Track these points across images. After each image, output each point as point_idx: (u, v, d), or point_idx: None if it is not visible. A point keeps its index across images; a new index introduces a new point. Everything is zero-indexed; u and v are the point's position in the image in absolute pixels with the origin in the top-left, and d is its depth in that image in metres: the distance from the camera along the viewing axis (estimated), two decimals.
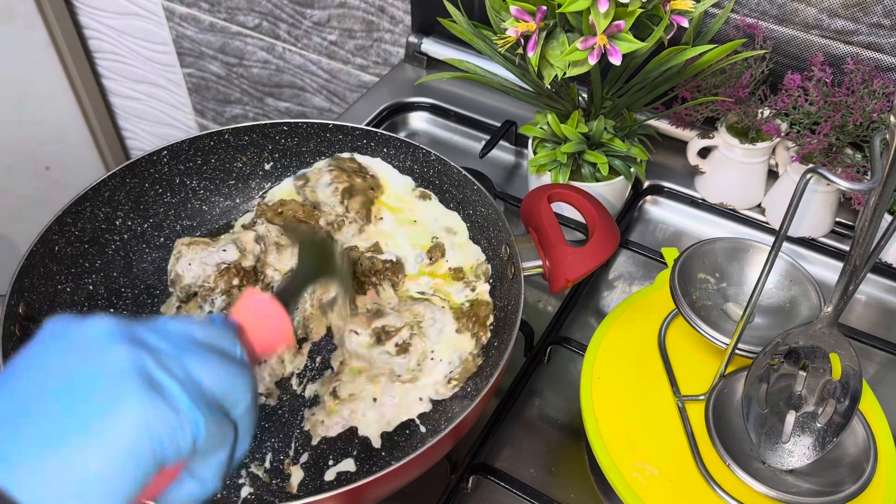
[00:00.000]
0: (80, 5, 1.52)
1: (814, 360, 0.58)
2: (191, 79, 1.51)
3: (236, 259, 0.72)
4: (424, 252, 0.75)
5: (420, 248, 0.76)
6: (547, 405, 0.72)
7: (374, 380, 0.67)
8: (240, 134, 0.77)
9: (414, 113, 1.03)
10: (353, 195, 0.76)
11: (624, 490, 0.59)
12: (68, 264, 0.69)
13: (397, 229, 0.77)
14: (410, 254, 0.76)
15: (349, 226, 0.76)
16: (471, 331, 0.69)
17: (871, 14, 0.78)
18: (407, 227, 0.77)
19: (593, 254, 0.66)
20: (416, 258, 0.75)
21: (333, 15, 1.20)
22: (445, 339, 0.69)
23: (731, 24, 0.84)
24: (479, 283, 0.72)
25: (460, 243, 0.75)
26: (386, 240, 0.77)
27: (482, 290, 0.72)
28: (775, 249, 0.53)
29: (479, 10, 0.95)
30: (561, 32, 0.68)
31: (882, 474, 0.58)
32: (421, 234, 0.77)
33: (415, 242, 0.76)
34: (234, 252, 0.72)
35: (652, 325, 0.69)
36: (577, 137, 0.78)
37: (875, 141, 0.50)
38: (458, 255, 0.75)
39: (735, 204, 0.87)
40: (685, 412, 0.63)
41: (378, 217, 0.78)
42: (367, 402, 0.65)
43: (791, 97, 0.78)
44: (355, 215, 0.76)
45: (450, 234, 0.76)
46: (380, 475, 0.52)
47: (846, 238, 0.84)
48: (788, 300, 0.66)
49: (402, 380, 0.67)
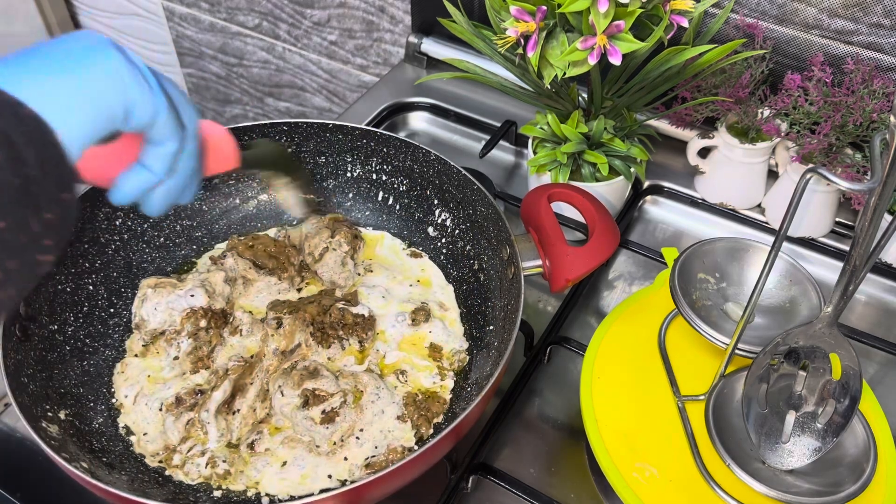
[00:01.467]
0: (80, 5, 1.52)
1: (814, 360, 0.58)
2: (191, 79, 1.51)
3: (205, 304, 0.69)
4: (408, 313, 0.72)
5: (404, 309, 0.72)
6: (547, 405, 0.72)
7: (289, 443, 0.63)
8: (240, 134, 0.77)
9: (414, 113, 1.03)
10: (340, 229, 0.76)
11: (624, 490, 0.59)
12: (68, 264, 0.69)
13: (386, 283, 0.75)
14: (391, 311, 0.72)
15: (331, 253, 0.74)
16: (414, 422, 0.64)
17: (871, 14, 0.78)
18: (397, 285, 0.76)
19: (593, 253, 0.66)
20: (395, 317, 0.72)
21: (333, 15, 1.20)
22: (381, 423, 0.64)
23: (731, 24, 0.84)
24: (449, 375, 0.69)
25: (451, 321, 0.73)
26: (369, 291, 0.74)
27: (446, 385, 0.68)
28: (775, 249, 0.53)
29: (479, 10, 0.95)
30: (561, 32, 0.68)
31: (882, 474, 0.58)
32: (411, 295, 0.75)
33: (401, 301, 0.74)
34: (202, 297, 0.69)
35: (652, 325, 0.69)
36: (577, 137, 0.78)
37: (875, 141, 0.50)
38: (442, 333, 0.71)
39: (735, 204, 0.87)
40: (685, 412, 0.63)
41: (367, 269, 0.77)
42: (276, 466, 0.62)
43: (791, 97, 0.78)
44: (342, 240, 0.74)
45: (440, 309, 0.74)
46: (380, 475, 0.52)
47: (846, 238, 0.84)
48: (788, 300, 0.66)
49: (318, 451, 0.62)
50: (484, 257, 0.74)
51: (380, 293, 0.74)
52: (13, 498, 0.64)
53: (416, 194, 0.79)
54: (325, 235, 0.75)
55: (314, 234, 0.76)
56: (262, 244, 0.76)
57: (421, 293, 0.75)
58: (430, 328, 0.71)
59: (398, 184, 0.80)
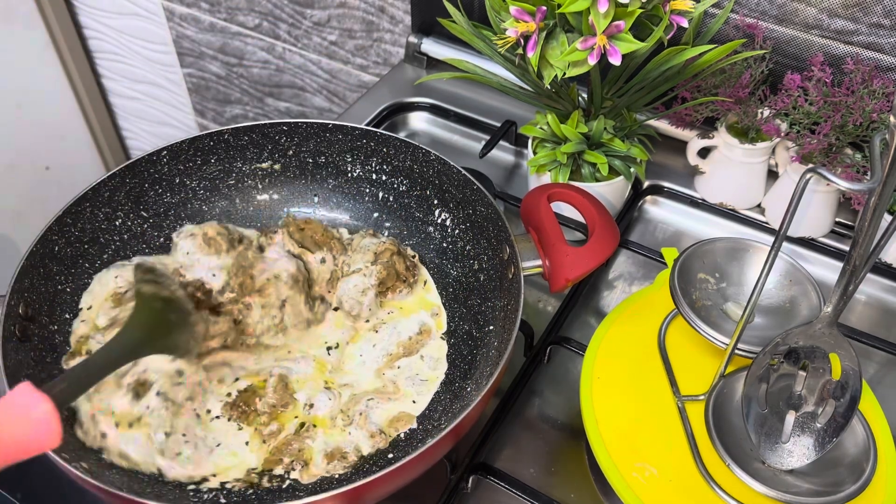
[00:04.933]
0: (80, 5, 1.52)
1: (814, 360, 0.58)
2: (191, 79, 1.51)
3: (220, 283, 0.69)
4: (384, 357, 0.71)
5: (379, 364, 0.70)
6: (547, 405, 0.72)
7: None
8: (240, 134, 0.77)
9: (414, 113, 1.03)
10: (386, 262, 0.74)
11: (624, 490, 0.59)
12: (68, 264, 0.69)
13: (383, 337, 0.72)
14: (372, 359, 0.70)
15: (358, 276, 0.73)
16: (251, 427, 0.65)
17: (871, 14, 0.78)
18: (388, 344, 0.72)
19: (593, 253, 0.66)
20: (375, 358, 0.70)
21: (333, 15, 1.20)
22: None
23: (731, 24, 0.84)
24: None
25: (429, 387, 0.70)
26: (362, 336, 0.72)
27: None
28: (775, 249, 0.53)
29: (479, 10, 0.95)
30: (561, 32, 0.68)
31: (882, 474, 0.58)
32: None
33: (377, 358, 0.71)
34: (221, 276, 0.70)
35: (652, 325, 0.69)
36: (576, 137, 0.78)
37: (875, 141, 0.50)
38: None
39: (735, 204, 0.87)
40: (685, 412, 0.63)
41: (391, 300, 0.74)
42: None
43: (791, 97, 0.78)
44: (374, 273, 0.72)
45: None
46: (380, 475, 0.52)
47: (846, 238, 0.84)
48: (788, 300, 0.66)
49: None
50: (484, 257, 0.74)
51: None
52: (13, 498, 0.64)
53: (416, 194, 0.79)
54: (367, 258, 0.74)
55: (362, 249, 0.75)
56: (312, 230, 0.76)
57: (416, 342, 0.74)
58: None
59: (398, 184, 0.80)
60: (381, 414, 0.66)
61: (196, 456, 0.61)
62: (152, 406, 0.61)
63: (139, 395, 0.61)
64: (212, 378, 0.66)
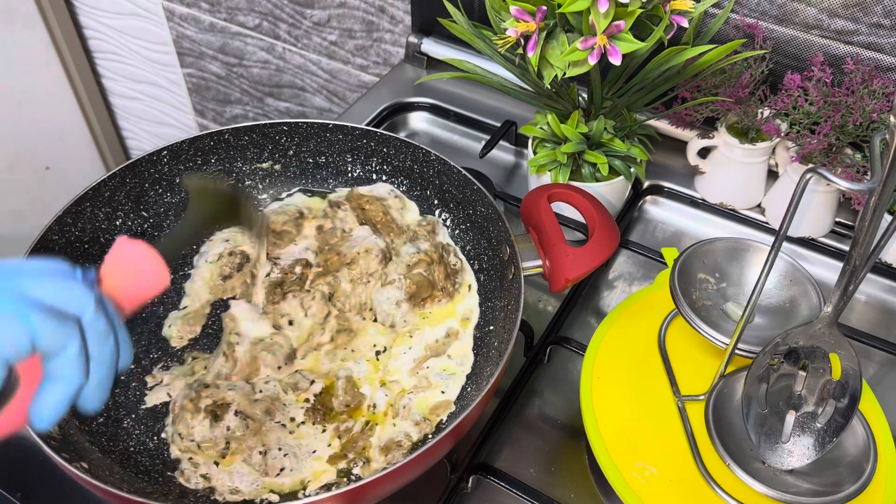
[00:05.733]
0: (80, 5, 1.52)
1: (814, 360, 0.58)
2: (191, 79, 1.51)
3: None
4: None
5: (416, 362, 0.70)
6: (547, 405, 0.72)
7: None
8: (240, 134, 0.77)
9: (414, 113, 1.03)
10: (422, 276, 0.73)
11: (624, 490, 0.59)
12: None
13: (421, 339, 0.71)
14: (407, 360, 0.70)
15: (391, 287, 0.72)
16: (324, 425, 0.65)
17: (871, 14, 0.78)
18: (428, 347, 0.71)
19: (593, 254, 0.66)
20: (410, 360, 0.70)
21: (333, 15, 1.20)
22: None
23: (731, 24, 0.84)
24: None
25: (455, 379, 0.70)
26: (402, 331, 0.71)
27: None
28: (775, 249, 0.53)
29: (479, 10, 0.95)
30: (561, 32, 0.68)
31: (882, 474, 0.58)
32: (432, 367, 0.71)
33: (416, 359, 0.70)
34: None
35: (652, 325, 0.69)
36: (577, 137, 0.78)
37: (875, 141, 0.50)
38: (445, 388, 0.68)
39: (735, 204, 0.87)
40: (685, 412, 0.63)
41: (428, 310, 0.73)
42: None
43: (791, 97, 0.78)
44: (405, 286, 0.71)
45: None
46: (380, 475, 0.52)
47: (846, 238, 0.84)
48: (788, 300, 0.66)
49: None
50: (484, 257, 0.74)
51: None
52: (13, 498, 0.64)
53: (416, 194, 0.79)
54: (401, 270, 0.73)
55: (400, 258, 0.74)
56: (374, 210, 0.77)
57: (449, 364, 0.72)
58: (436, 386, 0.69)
59: (398, 184, 0.80)
60: (420, 404, 0.67)
61: (298, 465, 0.62)
62: (232, 427, 0.62)
63: (217, 416, 0.62)
64: (287, 388, 0.66)
